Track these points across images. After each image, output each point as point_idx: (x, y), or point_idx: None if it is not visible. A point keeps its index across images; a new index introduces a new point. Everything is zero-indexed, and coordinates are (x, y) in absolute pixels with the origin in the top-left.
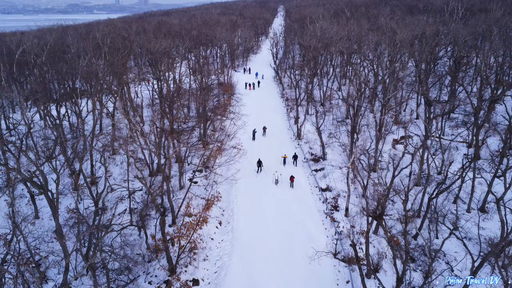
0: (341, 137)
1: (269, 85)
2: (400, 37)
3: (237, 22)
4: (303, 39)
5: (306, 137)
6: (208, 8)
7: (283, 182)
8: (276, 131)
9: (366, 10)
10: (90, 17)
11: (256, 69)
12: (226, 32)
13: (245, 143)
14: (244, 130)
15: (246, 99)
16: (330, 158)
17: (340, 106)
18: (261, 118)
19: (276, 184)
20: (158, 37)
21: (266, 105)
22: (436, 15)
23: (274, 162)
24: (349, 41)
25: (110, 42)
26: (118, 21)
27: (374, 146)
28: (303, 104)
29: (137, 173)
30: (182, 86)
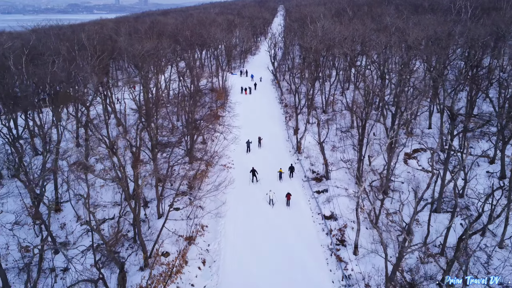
0: (346, 151)
1: (267, 88)
2: (412, 37)
3: (235, 22)
4: (304, 40)
5: (306, 151)
6: (207, 8)
7: (278, 202)
8: (273, 143)
9: (369, 9)
10: (90, 17)
11: (254, 71)
12: (222, 33)
13: (237, 159)
14: (236, 145)
15: (241, 105)
16: (335, 177)
17: (344, 113)
18: (257, 127)
19: (271, 204)
20: (150, 38)
21: (263, 112)
22: (442, 14)
23: (271, 178)
24: (353, 42)
25: (97, 43)
26: (110, 21)
27: (383, 159)
28: (304, 111)
29: (90, 216)
30: (170, 92)
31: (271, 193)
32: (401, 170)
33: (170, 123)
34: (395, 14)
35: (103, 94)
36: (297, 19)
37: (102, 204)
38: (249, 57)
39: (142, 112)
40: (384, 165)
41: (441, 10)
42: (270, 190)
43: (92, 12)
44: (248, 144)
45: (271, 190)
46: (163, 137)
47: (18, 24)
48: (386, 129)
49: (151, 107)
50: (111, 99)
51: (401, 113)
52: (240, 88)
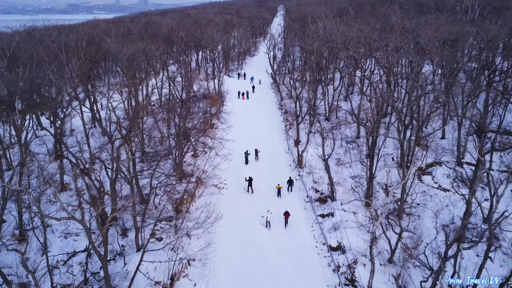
0: (353, 165)
1: (266, 92)
2: (425, 38)
3: (233, 22)
4: (305, 41)
5: (309, 166)
6: (206, 8)
7: (276, 224)
8: (271, 155)
9: (372, 8)
10: (89, 17)
11: (252, 73)
12: (218, 33)
13: (231, 175)
14: (229, 161)
15: (237, 111)
16: (341, 197)
17: (349, 121)
18: (254, 137)
19: (268, 227)
20: (143, 39)
21: (261, 119)
22: (449, 14)
23: (269, 194)
24: (359, 43)
25: (80, 46)
26: (104, 21)
27: (394, 174)
28: (305, 120)
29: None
30: (160, 98)
31: (268, 213)
32: (415, 187)
33: (159, 133)
34: (401, 13)
35: (88, 100)
36: (297, 19)
37: (74, 232)
38: (248, 58)
39: (120, 124)
40: (397, 184)
41: (446, 10)
42: (268, 211)
43: (92, 12)
44: (247, 155)
45: (268, 211)
46: (151, 148)
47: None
48: (401, 145)
49: (133, 118)
50: (95, 106)
51: (418, 127)
52: (237, 93)
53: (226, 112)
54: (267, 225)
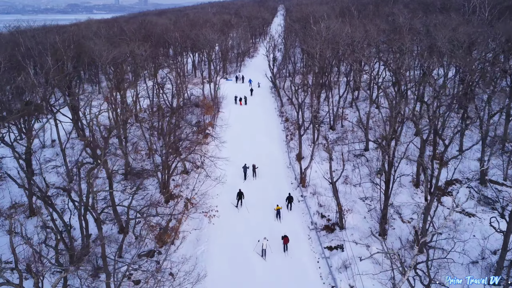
0: (362, 182)
1: (265, 97)
2: (444, 41)
3: (231, 22)
4: (307, 43)
5: (313, 185)
6: (205, 8)
7: (273, 252)
8: (271, 170)
9: (376, 8)
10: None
11: (252, 75)
12: (215, 34)
13: (223, 198)
14: (221, 184)
15: (234, 119)
16: (351, 224)
17: (356, 130)
18: (252, 148)
19: (263, 256)
20: (135, 40)
21: (259, 128)
22: (456, 14)
23: (269, 216)
24: (368, 46)
25: (58, 49)
26: (98, 21)
27: (406, 194)
28: (309, 129)
29: None
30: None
31: (265, 241)
32: (436, 212)
33: (148, 144)
34: (407, 13)
35: (69, 108)
36: (298, 19)
37: None
38: (247, 60)
39: (88, 143)
40: (418, 209)
41: (453, 9)
42: (265, 238)
43: (91, 12)
44: (245, 169)
45: (265, 238)
46: (138, 161)
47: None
48: (423, 169)
49: (106, 138)
50: (77, 116)
51: (445, 147)
52: (234, 98)
53: (222, 119)
54: (263, 254)
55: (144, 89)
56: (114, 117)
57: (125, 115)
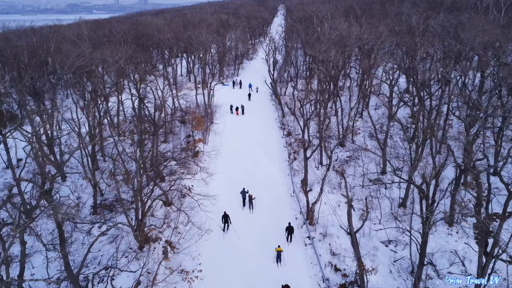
0: (385, 222)
1: (264, 105)
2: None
3: (228, 22)
4: (312, 46)
5: (322, 224)
6: (204, 7)
7: None
8: (271, 199)
9: (382, 7)
10: (89, 17)
11: (250, 79)
12: (210, 35)
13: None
14: (209, 234)
15: (230, 132)
16: (375, 283)
17: (370, 147)
18: (249, 170)
19: None
20: (124, 43)
21: (258, 143)
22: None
23: (267, 259)
24: (388, 52)
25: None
26: (88, 22)
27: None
28: (316, 150)
29: None
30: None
31: None
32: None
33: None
34: (418, 13)
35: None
36: (300, 19)
37: None
38: (245, 62)
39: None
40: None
41: (465, 8)
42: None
43: (91, 12)
44: (244, 195)
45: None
46: (112, 189)
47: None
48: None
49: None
50: (44, 129)
51: (510, 195)
52: (230, 107)
53: (215, 132)
54: None
55: (128, 99)
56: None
57: (93, 139)
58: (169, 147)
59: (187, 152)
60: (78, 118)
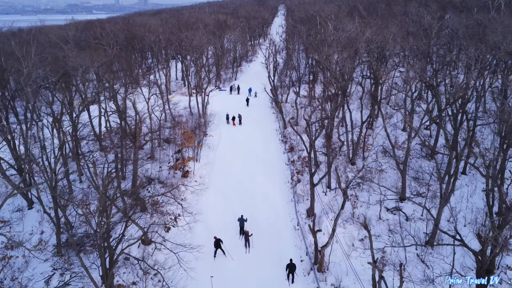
0: (408, 265)
1: (264, 113)
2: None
3: (226, 23)
4: (317, 50)
5: (334, 271)
6: (202, 7)
7: None
8: (271, 233)
9: (388, 7)
10: (88, 17)
11: (249, 83)
12: (205, 37)
13: None
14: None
15: (225, 145)
16: None
17: (385, 168)
18: (246, 193)
19: None
20: (111, 46)
21: (256, 160)
22: (477, 12)
23: None
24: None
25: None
26: (79, 23)
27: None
28: (324, 177)
29: None
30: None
31: None
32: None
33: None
34: (430, 12)
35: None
36: (302, 20)
37: None
38: (244, 65)
39: None
40: None
41: (476, 7)
42: None
43: (91, 12)
44: (242, 223)
45: None
46: (80, 225)
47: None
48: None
49: None
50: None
51: None
52: (226, 117)
53: (209, 146)
54: None
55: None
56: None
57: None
58: (155, 166)
59: (175, 171)
60: (41, 139)
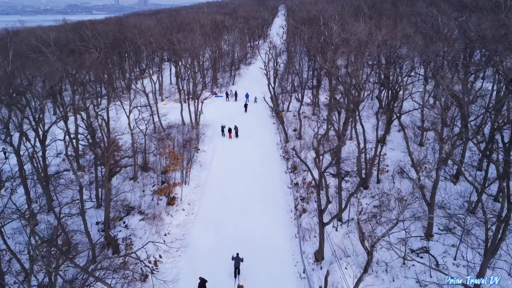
0: None
1: (264, 122)
2: None
3: (224, 23)
4: (324, 56)
5: None
6: (201, 7)
7: None
8: (271, 278)
9: (394, 6)
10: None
11: (248, 87)
12: (197, 40)
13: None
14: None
15: (219, 163)
16: None
17: (404, 193)
18: (242, 221)
19: None
20: (99, 49)
21: (253, 179)
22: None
23: None
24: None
25: None
26: (69, 24)
27: None
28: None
29: None
30: None
31: None
32: None
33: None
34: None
35: None
36: (303, 20)
37: None
38: (243, 68)
39: None
40: None
41: (487, 7)
42: None
43: (91, 13)
44: (238, 263)
45: None
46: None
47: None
48: None
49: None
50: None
51: None
52: (221, 129)
53: (201, 164)
54: None
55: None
56: None
57: None
58: (138, 189)
59: (160, 197)
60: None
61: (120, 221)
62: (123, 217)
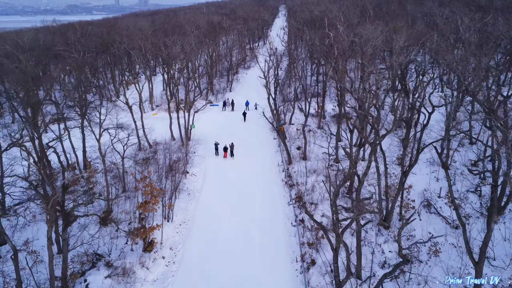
0: None
1: (264, 139)
2: None
3: (222, 25)
4: (321, 52)
5: None
6: (201, 8)
7: None
8: None
9: (402, 6)
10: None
11: (247, 94)
12: (188, 44)
13: None
14: None
15: (210, 190)
16: None
17: (437, 238)
18: (236, 273)
19: None
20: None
21: (251, 211)
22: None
23: None
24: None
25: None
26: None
27: None
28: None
29: None
30: None
31: None
32: None
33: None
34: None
35: None
36: (305, 21)
37: None
38: (241, 72)
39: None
40: None
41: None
42: None
43: (91, 13)
44: None
45: None
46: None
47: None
48: None
49: None
50: None
51: None
52: (215, 147)
53: (189, 193)
54: None
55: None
56: None
57: None
58: (111, 228)
59: (135, 240)
60: None
61: (81, 278)
62: (85, 271)
